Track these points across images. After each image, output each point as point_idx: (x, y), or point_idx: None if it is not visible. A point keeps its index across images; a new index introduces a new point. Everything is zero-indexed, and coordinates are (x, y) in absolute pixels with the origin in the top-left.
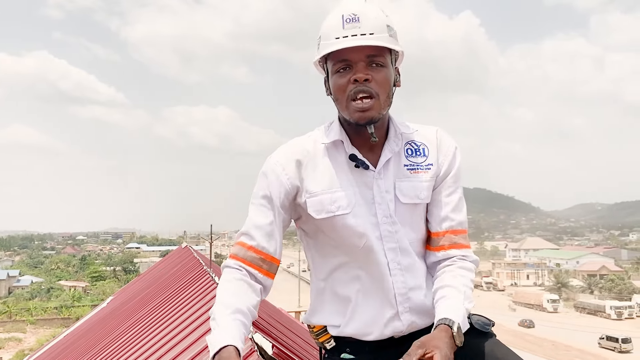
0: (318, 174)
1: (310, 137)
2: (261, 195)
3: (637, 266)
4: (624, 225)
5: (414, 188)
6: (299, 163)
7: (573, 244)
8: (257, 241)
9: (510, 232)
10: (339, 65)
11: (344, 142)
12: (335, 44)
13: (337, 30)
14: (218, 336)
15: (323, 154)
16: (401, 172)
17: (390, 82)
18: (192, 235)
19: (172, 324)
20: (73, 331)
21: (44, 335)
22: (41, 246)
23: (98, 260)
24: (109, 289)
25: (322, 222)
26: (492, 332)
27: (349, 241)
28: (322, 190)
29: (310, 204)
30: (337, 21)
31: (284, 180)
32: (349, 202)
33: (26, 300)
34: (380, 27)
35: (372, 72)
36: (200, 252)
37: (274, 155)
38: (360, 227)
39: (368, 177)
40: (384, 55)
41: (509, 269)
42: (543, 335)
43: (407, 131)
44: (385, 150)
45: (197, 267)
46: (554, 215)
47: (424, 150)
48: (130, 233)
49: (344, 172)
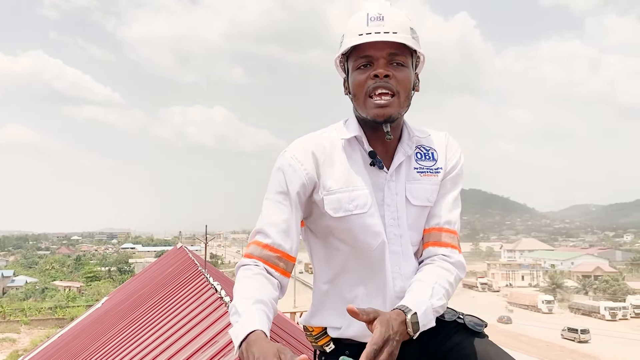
0: (335, 170)
1: (324, 132)
2: (277, 190)
3: (631, 267)
4: (618, 227)
5: (425, 190)
6: (316, 158)
7: (568, 245)
8: (273, 239)
9: (506, 233)
10: (360, 62)
11: (363, 138)
12: (359, 39)
13: (361, 28)
14: (243, 324)
15: (340, 150)
16: (411, 175)
17: (410, 83)
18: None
19: (167, 324)
20: (67, 332)
21: (38, 335)
22: (36, 246)
23: (93, 260)
24: (103, 289)
25: (337, 220)
26: (485, 333)
27: (363, 241)
28: (340, 188)
29: (327, 202)
30: (361, 19)
31: (302, 175)
32: (366, 202)
33: (20, 300)
34: (404, 27)
35: (393, 70)
36: (195, 252)
37: (290, 149)
38: (377, 227)
39: (380, 178)
40: (405, 55)
41: (504, 270)
42: (537, 335)
43: (421, 135)
44: (398, 153)
45: (192, 268)
46: (549, 216)
47: (432, 155)
48: (125, 233)
49: (360, 171)
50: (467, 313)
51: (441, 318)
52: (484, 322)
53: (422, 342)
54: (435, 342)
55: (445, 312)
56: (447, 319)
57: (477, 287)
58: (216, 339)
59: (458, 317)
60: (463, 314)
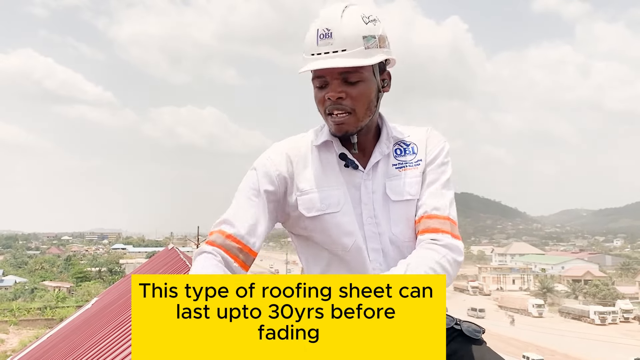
0: (308, 172)
1: (303, 137)
2: (249, 187)
3: (621, 272)
4: (608, 232)
5: (404, 185)
6: (290, 160)
7: (558, 250)
8: (237, 230)
9: (497, 237)
10: (316, 82)
11: (334, 142)
12: (309, 61)
13: (313, 47)
14: None
15: (315, 152)
16: (390, 171)
17: (369, 95)
18: (179, 237)
19: None
20: (57, 332)
21: (27, 336)
22: (25, 246)
23: (83, 261)
24: (94, 289)
25: (312, 220)
26: (482, 339)
27: (338, 240)
28: (312, 188)
29: (301, 202)
30: (312, 37)
31: (274, 175)
32: (338, 201)
33: (9, 300)
34: (355, 41)
35: (347, 88)
36: (187, 253)
37: (267, 151)
38: (349, 226)
39: (357, 177)
40: (359, 71)
41: (495, 274)
42: (528, 339)
43: (400, 136)
44: (375, 152)
45: (184, 269)
46: (539, 220)
47: (413, 149)
48: (116, 234)
49: (334, 171)
50: (465, 319)
51: None
52: (481, 328)
53: None
54: None
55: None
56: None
57: (468, 291)
58: None
59: (455, 323)
60: (460, 320)
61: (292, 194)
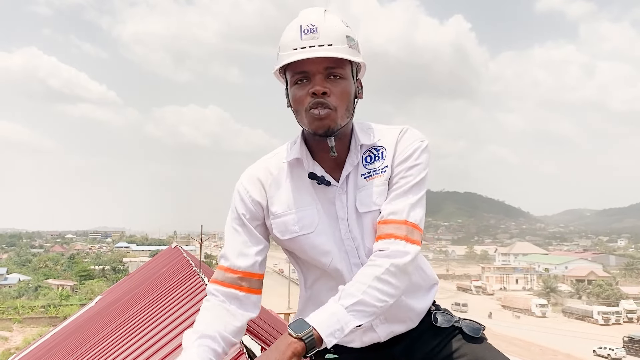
0: (281, 194)
1: (276, 155)
2: (232, 217)
3: (624, 272)
4: (612, 232)
5: (370, 195)
6: (262, 185)
7: (562, 249)
8: (231, 261)
9: (500, 236)
10: (297, 77)
11: (305, 160)
12: (292, 55)
13: (295, 41)
14: None
15: (286, 173)
16: (359, 182)
17: (350, 95)
18: (182, 236)
19: (160, 324)
20: (60, 330)
21: (30, 334)
22: (29, 244)
23: (87, 259)
24: (97, 288)
25: (288, 242)
26: (484, 337)
27: (316, 259)
28: (284, 211)
29: (274, 226)
30: (295, 32)
31: (248, 202)
32: (312, 221)
33: (13, 298)
34: (339, 38)
35: (331, 84)
36: (190, 252)
37: (242, 177)
38: (325, 245)
39: (331, 193)
40: (343, 67)
41: (498, 273)
42: (531, 339)
43: (368, 142)
44: (346, 164)
45: (187, 268)
46: (543, 220)
47: (382, 154)
48: (119, 232)
49: (307, 190)
50: (465, 317)
51: (436, 324)
52: (482, 325)
53: (417, 350)
54: (430, 349)
55: (441, 316)
56: (444, 324)
57: (471, 291)
58: None
59: (455, 321)
60: (460, 318)
61: (268, 218)
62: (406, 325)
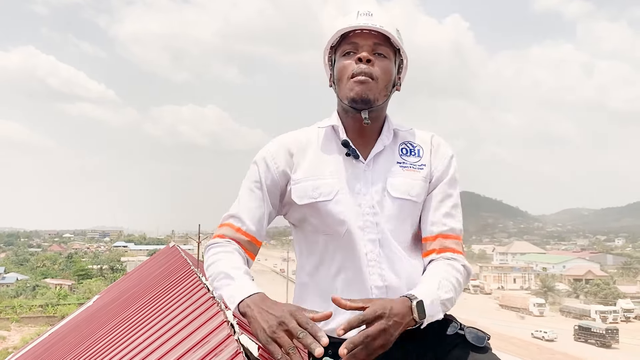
0: (307, 161)
1: (306, 130)
2: (253, 179)
3: (622, 271)
4: (609, 231)
5: (406, 184)
6: (290, 152)
7: (560, 249)
8: (247, 225)
9: (498, 235)
10: (347, 48)
11: (340, 128)
12: (347, 28)
13: (351, 21)
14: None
15: (315, 142)
16: (394, 168)
17: (391, 75)
18: (180, 235)
19: (158, 323)
20: (58, 329)
21: (28, 333)
22: (27, 243)
23: (85, 258)
24: (95, 287)
25: (305, 208)
26: (488, 346)
27: (331, 228)
28: (306, 177)
29: (294, 191)
30: (352, 14)
31: (273, 169)
32: (332, 190)
33: (11, 297)
34: (391, 25)
35: (376, 59)
36: (188, 251)
37: (268, 144)
38: (342, 215)
39: (357, 167)
40: (389, 49)
41: (496, 273)
42: (529, 338)
43: (401, 129)
44: (377, 144)
45: (185, 267)
46: (541, 219)
47: (418, 151)
48: (117, 231)
49: (334, 160)
50: (469, 325)
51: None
52: (486, 334)
53: (420, 357)
54: (434, 356)
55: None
56: (448, 331)
57: (469, 290)
58: (208, 339)
59: (459, 329)
60: (465, 326)
61: (289, 184)
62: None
